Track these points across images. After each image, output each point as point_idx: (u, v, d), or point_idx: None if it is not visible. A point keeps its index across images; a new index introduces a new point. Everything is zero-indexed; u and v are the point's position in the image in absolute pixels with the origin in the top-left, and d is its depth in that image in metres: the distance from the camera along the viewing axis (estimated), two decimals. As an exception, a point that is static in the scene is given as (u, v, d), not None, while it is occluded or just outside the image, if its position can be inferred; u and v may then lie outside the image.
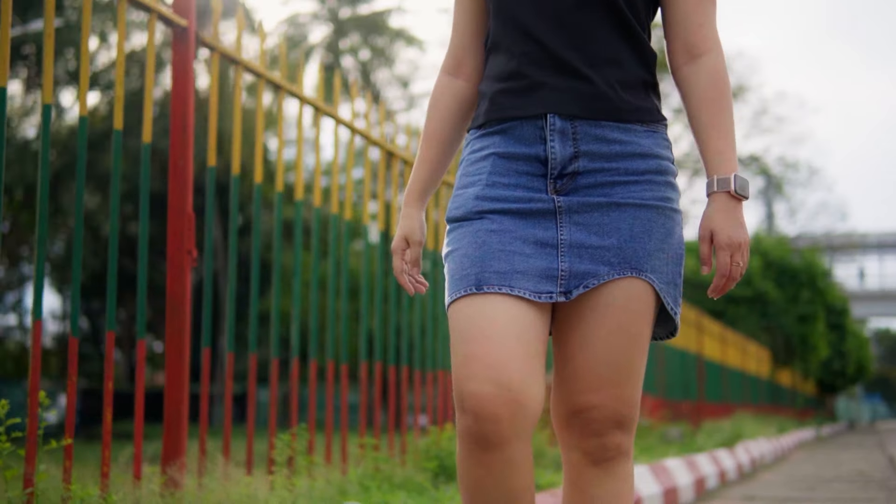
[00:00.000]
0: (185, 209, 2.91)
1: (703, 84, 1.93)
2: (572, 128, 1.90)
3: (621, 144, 1.91)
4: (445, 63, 2.09)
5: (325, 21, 32.80)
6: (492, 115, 1.95)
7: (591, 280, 1.89)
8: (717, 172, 1.90)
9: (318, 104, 3.82)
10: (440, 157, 2.07)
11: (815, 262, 24.08)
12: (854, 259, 51.18)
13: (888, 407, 67.88)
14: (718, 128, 1.92)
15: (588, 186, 1.90)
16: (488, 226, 1.89)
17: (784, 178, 39.91)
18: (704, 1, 1.97)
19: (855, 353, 32.66)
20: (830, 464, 10.99)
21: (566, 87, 1.90)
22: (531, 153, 1.91)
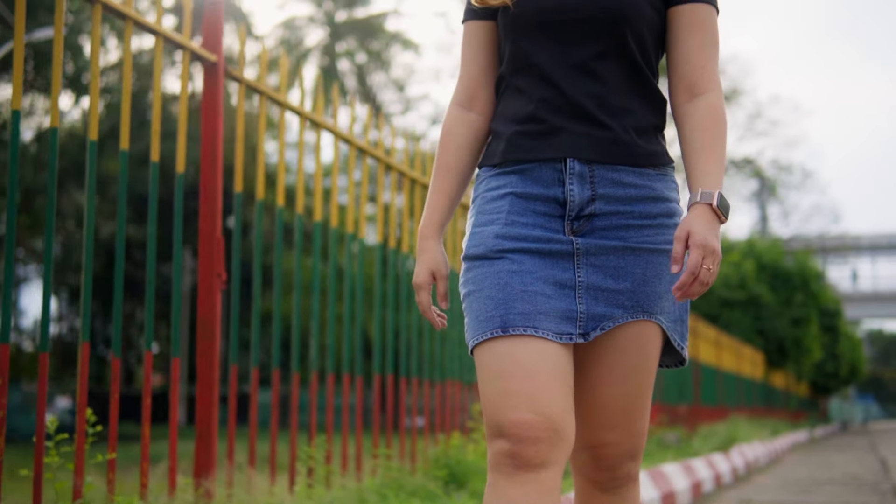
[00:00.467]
0: (214, 234, 3.08)
1: (700, 116, 2.00)
2: (590, 171, 1.98)
3: (636, 188, 1.99)
4: (458, 96, 2.13)
5: (322, 24, 32.87)
6: (509, 155, 2.01)
7: (607, 322, 1.96)
8: (703, 186, 1.95)
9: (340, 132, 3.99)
10: (457, 189, 2.11)
11: (809, 265, 24.28)
12: (847, 261, 51.43)
13: (881, 407, 68.06)
14: (709, 153, 1.97)
15: (604, 228, 1.98)
16: (509, 266, 1.95)
17: (778, 180, 40.14)
18: (707, 44, 2.04)
19: (848, 355, 32.87)
20: (823, 466, 11.18)
21: (584, 133, 1.98)
22: (549, 194, 1.98)
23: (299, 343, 3.71)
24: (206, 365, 3.04)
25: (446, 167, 2.09)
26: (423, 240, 2.07)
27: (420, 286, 2.05)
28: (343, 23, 32.63)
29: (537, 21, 2.01)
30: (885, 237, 55.31)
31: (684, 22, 2.04)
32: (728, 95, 34.77)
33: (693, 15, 2.04)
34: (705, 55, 2.03)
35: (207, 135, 3.11)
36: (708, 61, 2.03)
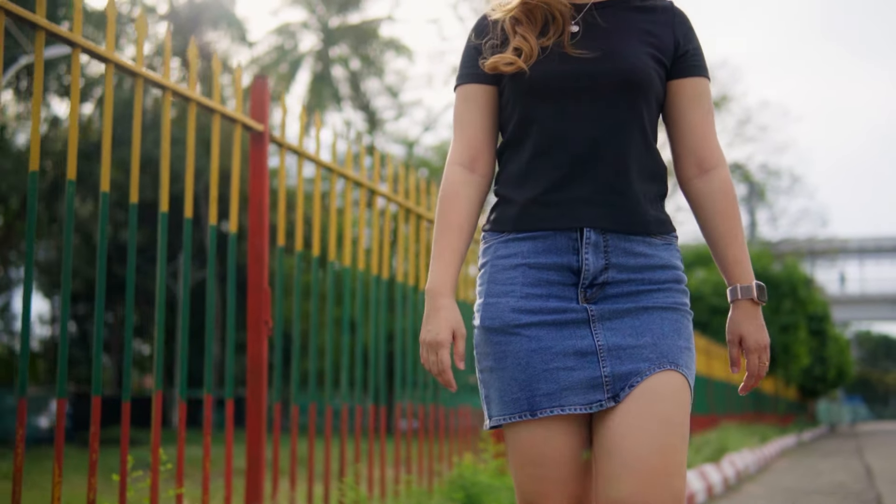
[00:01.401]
0: (261, 285, 3.42)
1: (716, 197, 2.06)
2: (604, 241, 2.00)
3: (646, 257, 2.03)
4: (460, 157, 2.12)
5: (315, 31, 33.03)
6: (524, 224, 2.03)
7: (634, 378, 1.96)
8: (740, 281, 2.05)
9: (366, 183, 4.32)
10: (465, 246, 2.10)
11: (797, 272, 24.65)
12: (835, 264, 51.89)
13: (869, 409, 68.50)
14: (734, 238, 2.06)
15: (616, 295, 2.00)
16: (528, 344, 1.98)
17: (766, 185, 40.52)
18: (709, 118, 2.11)
19: (835, 358, 33.21)
20: (811, 474, 11.52)
21: (600, 202, 2.00)
22: (563, 263, 2.00)
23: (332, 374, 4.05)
24: (256, 402, 3.38)
25: (456, 226, 2.08)
26: (438, 297, 2.04)
27: (442, 344, 2.00)
28: (336, 28, 32.76)
29: (552, 87, 2.02)
30: (873, 240, 55.87)
31: (688, 95, 2.09)
32: (717, 101, 35.13)
33: (695, 89, 2.09)
34: (709, 128, 2.10)
35: (255, 196, 3.45)
36: (712, 134, 2.10)
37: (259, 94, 3.50)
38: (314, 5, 32.89)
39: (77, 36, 2.74)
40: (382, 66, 32.97)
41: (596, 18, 2.08)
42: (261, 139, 3.49)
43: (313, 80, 32.53)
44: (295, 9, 33.37)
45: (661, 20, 2.10)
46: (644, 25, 2.09)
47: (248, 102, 3.31)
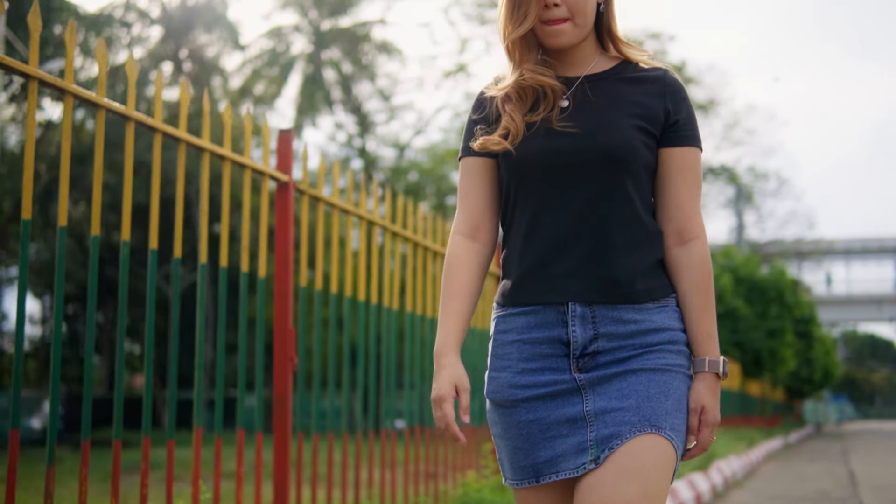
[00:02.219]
0: (287, 325, 3.70)
1: (693, 269, 2.11)
2: (591, 313, 2.07)
3: (636, 323, 2.07)
4: (461, 227, 2.20)
5: (307, 34, 33.15)
6: (516, 298, 2.12)
7: (615, 441, 2.01)
8: (709, 354, 2.10)
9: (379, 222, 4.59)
10: (468, 311, 2.19)
11: (784, 277, 24.99)
12: (822, 265, 52.31)
13: (854, 408, 68.95)
14: (707, 312, 2.11)
15: (607, 363, 2.07)
16: (527, 416, 2.09)
17: (754, 187, 40.86)
18: (695, 189, 2.14)
19: (822, 360, 33.59)
20: (797, 480, 11.82)
21: (585, 275, 2.06)
22: (554, 336, 2.08)
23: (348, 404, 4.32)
24: (281, 434, 3.66)
25: (458, 295, 2.17)
26: (441, 357, 2.13)
27: (444, 398, 2.09)
28: (328, 32, 32.86)
29: (538, 165, 2.09)
30: (859, 241, 56.37)
31: (675, 165, 2.13)
32: (705, 105, 35.41)
33: (684, 159, 2.13)
34: (693, 200, 2.13)
35: (280, 243, 3.73)
36: (695, 206, 2.14)
37: (284, 148, 3.78)
38: (306, 9, 33.02)
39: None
40: (374, 70, 33.12)
41: (587, 92, 2.14)
42: (286, 189, 3.77)
43: (304, 83, 32.70)
44: (287, 12, 33.53)
45: (651, 90, 2.14)
46: (633, 97, 2.13)
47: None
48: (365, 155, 33.24)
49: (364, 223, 4.42)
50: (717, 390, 2.11)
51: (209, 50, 31.01)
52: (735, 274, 23.53)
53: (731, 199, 40.18)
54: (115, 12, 29.67)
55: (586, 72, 2.17)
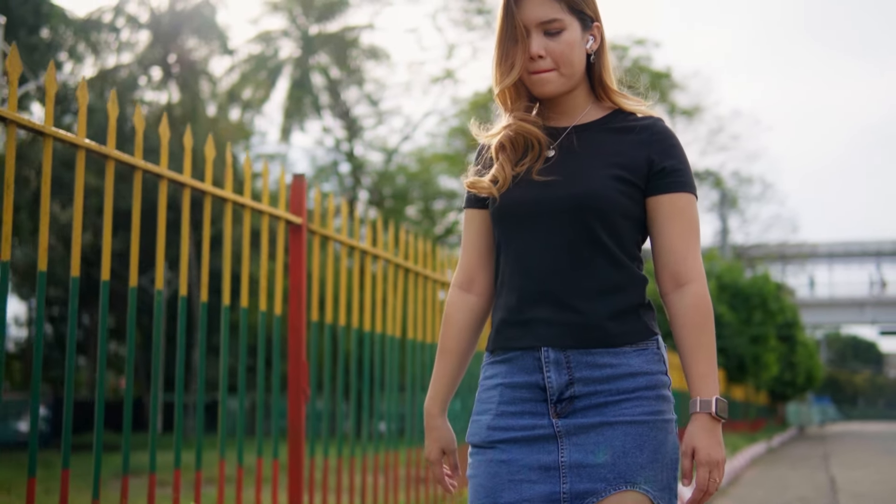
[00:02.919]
0: (300, 358, 3.95)
1: (688, 311, 2.09)
2: (566, 358, 2.08)
3: (612, 367, 2.07)
4: (458, 279, 2.28)
5: (295, 38, 33.26)
6: (497, 344, 2.16)
7: (590, 498, 2.04)
8: (701, 394, 2.05)
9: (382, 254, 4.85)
10: (458, 369, 2.27)
11: (768, 284, 25.32)
12: (805, 268, 52.83)
13: (837, 409, 69.46)
14: (702, 352, 2.07)
15: (584, 408, 2.07)
16: (499, 456, 2.10)
17: (738, 192, 41.26)
18: (687, 233, 2.12)
19: (805, 363, 33.94)
20: (779, 487, 12.08)
21: (558, 321, 2.08)
22: (532, 381, 2.10)
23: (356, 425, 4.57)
24: (295, 461, 3.91)
25: (448, 350, 2.26)
26: (430, 418, 2.25)
27: (433, 462, 2.23)
28: (316, 36, 32.96)
29: (515, 214, 2.13)
30: (841, 245, 56.95)
31: (664, 212, 2.13)
32: (690, 112, 35.76)
33: (672, 205, 2.12)
34: (686, 244, 2.12)
35: (294, 282, 3.98)
36: (689, 250, 2.12)
37: (298, 191, 4.03)
38: (294, 14, 33.15)
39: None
40: (362, 75, 33.27)
41: (573, 142, 2.16)
42: (299, 230, 4.02)
43: (292, 88, 32.85)
44: (275, 17, 33.67)
45: (636, 140, 2.14)
46: (616, 147, 2.14)
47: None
48: (353, 159, 33.43)
49: (369, 256, 4.67)
50: (714, 429, 2.05)
51: (197, 54, 31.11)
52: (719, 280, 23.85)
53: (716, 203, 40.57)
54: (103, 17, 29.80)
55: (576, 122, 2.20)
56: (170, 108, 30.18)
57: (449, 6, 33.15)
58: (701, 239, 2.17)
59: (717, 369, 2.11)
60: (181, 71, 30.41)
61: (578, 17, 2.15)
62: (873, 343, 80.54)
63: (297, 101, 32.89)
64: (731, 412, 24.00)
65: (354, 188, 33.68)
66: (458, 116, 33.56)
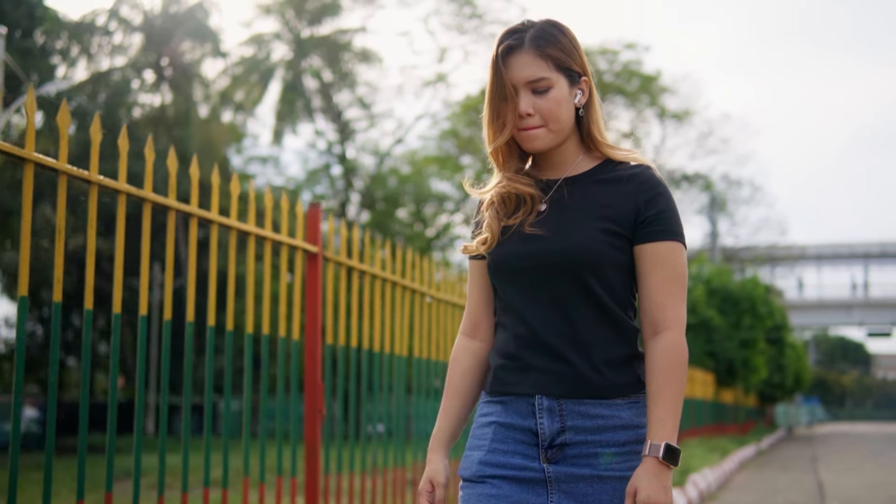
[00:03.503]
0: (316, 380, 4.16)
1: (658, 355, 2.11)
2: (559, 406, 2.14)
3: (603, 419, 2.13)
4: (464, 326, 2.36)
5: (287, 41, 33.36)
6: (494, 387, 2.23)
7: None
8: (654, 439, 2.07)
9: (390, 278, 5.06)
10: (462, 409, 2.33)
11: (757, 288, 25.59)
12: (793, 271, 53.20)
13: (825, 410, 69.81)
14: (663, 397, 2.08)
15: (574, 457, 2.13)
16: (489, 490, 2.16)
17: (728, 195, 41.53)
18: (669, 282, 2.15)
19: (793, 366, 34.26)
20: (768, 491, 12.31)
21: (553, 370, 2.14)
22: (525, 425, 2.16)
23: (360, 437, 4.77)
24: (312, 479, 4.12)
25: (453, 392, 2.32)
26: (429, 452, 2.31)
27: (420, 493, 2.27)
28: (308, 39, 33.04)
29: (508, 268, 2.20)
30: (829, 247, 57.39)
31: (647, 261, 2.16)
32: (680, 115, 36.02)
33: (655, 254, 2.16)
34: (667, 293, 2.15)
35: (310, 308, 4.19)
36: (669, 299, 2.15)
37: (313, 221, 4.24)
38: (287, 17, 33.23)
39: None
40: (355, 78, 33.39)
41: (564, 195, 2.22)
42: (315, 259, 4.23)
43: (284, 90, 32.96)
44: (267, 20, 33.77)
45: (624, 190, 2.18)
46: (604, 199, 2.18)
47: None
48: (345, 162, 33.59)
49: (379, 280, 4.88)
50: (659, 474, 2.05)
51: (190, 57, 31.20)
52: (708, 285, 24.12)
53: (705, 205, 40.84)
54: (97, 20, 29.90)
55: (567, 174, 2.25)
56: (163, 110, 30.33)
57: (441, 10, 33.34)
58: (692, 241, 2.23)
59: (679, 416, 2.11)
60: (174, 74, 30.51)
61: (565, 74, 2.20)
62: (861, 344, 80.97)
63: (289, 103, 33.02)
64: (721, 415, 24.26)
65: (346, 191, 33.85)
66: (449, 119, 33.78)
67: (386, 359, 4.93)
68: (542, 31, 2.21)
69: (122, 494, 5.13)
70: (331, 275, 4.36)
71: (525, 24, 2.23)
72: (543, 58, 2.18)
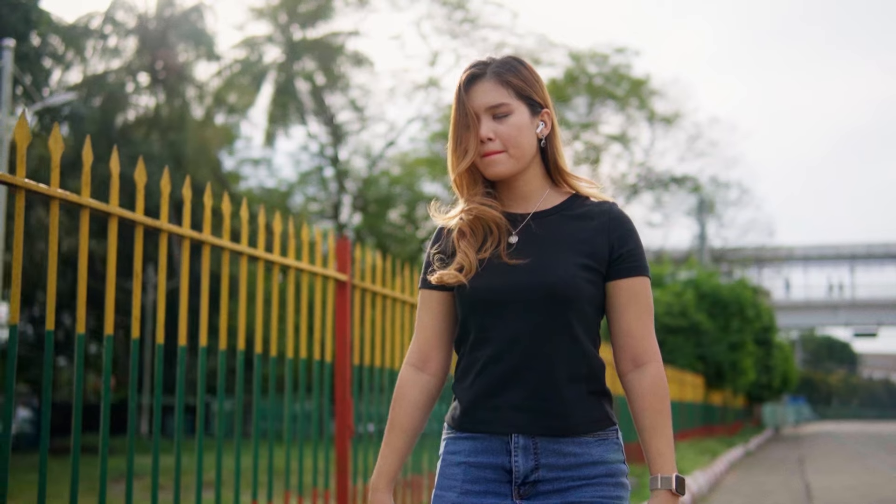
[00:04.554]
0: (346, 398, 4.51)
1: (646, 392, 2.16)
2: (534, 444, 2.14)
3: (576, 456, 2.14)
4: (412, 357, 2.30)
5: (279, 44, 33.52)
6: (465, 425, 2.20)
7: None
8: (662, 471, 2.12)
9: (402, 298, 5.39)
10: (408, 446, 2.29)
11: (745, 293, 25.95)
12: (780, 272, 53.70)
13: (812, 409, 70.35)
14: (659, 431, 2.14)
15: (547, 492, 2.14)
16: None
17: (716, 197, 41.93)
18: (645, 316, 2.19)
19: (780, 367, 34.66)
20: (757, 494, 12.58)
21: (528, 409, 2.14)
22: (497, 463, 2.16)
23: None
24: (342, 494, 4.46)
25: (399, 426, 2.28)
26: (374, 492, 2.26)
27: None
28: (300, 41, 33.19)
29: (485, 300, 2.17)
30: (816, 248, 57.95)
31: (623, 296, 2.19)
32: (670, 118, 36.36)
33: (630, 289, 2.19)
34: (643, 326, 2.19)
35: (340, 329, 4.53)
36: (646, 331, 2.19)
37: (342, 252, 4.58)
38: (280, 20, 33.38)
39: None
40: (347, 81, 33.58)
41: (534, 228, 2.22)
42: (344, 286, 4.58)
43: (276, 93, 33.12)
44: (260, 23, 33.92)
45: (596, 226, 2.20)
46: (579, 234, 2.20)
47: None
48: (337, 164, 33.82)
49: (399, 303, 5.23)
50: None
51: (184, 59, 31.36)
52: (698, 289, 24.47)
53: (694, 207, 41.19)
54: (91, 23, 30.08)
55: (534, 208, 2.25)
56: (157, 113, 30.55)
57: (433, 13, 33.60)
58: (680, 242, 2.35)
59: (673, 445, 2.17)
60: (168, 77, 30.69)
61: (526, 103, 2.22)
62: (847, 343, 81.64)
63: (281, 106, 33.20)
64: (710, 417, 24.63)
65: (339, 193, 34.09)
66: (440, 121, 34.06)
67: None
68: (503, 63, 2.24)
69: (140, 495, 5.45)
70: (357, 299, 4.70)
71: (488, 59, 2.26)
72: (504, 85, 2.20)
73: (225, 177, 33.17)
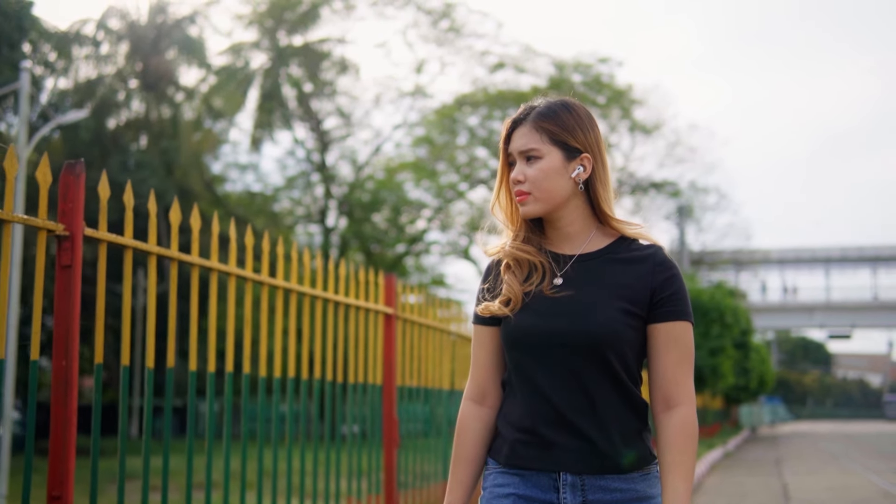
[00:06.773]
0: (392, 416, 5.18)
1: (673, 430, 2.19)
2: (581, 482, 2.20)
3: (621, 492, 2.21)
4: (471, 392, 2.36)
5: (266, 50, 33.83)
6: (512, 461, 2.25)
7: None
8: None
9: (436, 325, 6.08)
10: (475, 478, 2.35)
11: (725, 300, 26.53)
12: (757, 275, 54.56)
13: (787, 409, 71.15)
14: (679, 469, 2.17)
15: None
16: None
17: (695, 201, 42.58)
18: (682, 360, 2.23)
19: (757, 369, 35.33)
20: (737, 495, 13.18)
21: (575, 448, 2.19)
22: (545, 499, 2.22)
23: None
24: (390, 495, 5.14)
25: (465, 459, 2.33)
26: None
27: None
28: (287, 48, 33.50)
29: (528, 342, 2.22)
30: (792, 251, 58.94)
31: (661, 339, 2.22)
32: (650, 129, 36.97)
33: (669, 334, 2.22)
34: (680, 370, 2.22)
35: (387, 357, 5.20)
36: (682, 376, 2.22)
37: (389, 288, 5.26)
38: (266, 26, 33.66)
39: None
40: (334, 87, 33.93)
41: (580, 272, 2.26)
42: (391, 319, 5.26)
43: (262, 99, 33.41)
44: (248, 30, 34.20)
45: (640, 271, 2.24)
46: (622, 278, 2.23)
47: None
48: (323, 170, 34.23)
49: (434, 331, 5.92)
50: None
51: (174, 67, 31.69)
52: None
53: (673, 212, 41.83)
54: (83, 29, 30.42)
55: (580, 250, 2.29)
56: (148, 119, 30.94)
57: (419, 22, 34.07)
58: (658, 239, 2.30)
59: (692, 484, 2.23)
60: (159, 83, 31.02)
61: (561, 148, 2.26)
62: (822, 344, 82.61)
63: (267, 112, 33.53)
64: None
65: (325, 199, 34.50)
66: (423, 126, 34.56)
67: (445, 395, 5.98)
68: (546, 108, 2.30)
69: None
70: (400, 329, 5.39)
71: (536, 102, 2.33)
72: (538, 130, 2.26)
73: (212, 182, 33.53)
